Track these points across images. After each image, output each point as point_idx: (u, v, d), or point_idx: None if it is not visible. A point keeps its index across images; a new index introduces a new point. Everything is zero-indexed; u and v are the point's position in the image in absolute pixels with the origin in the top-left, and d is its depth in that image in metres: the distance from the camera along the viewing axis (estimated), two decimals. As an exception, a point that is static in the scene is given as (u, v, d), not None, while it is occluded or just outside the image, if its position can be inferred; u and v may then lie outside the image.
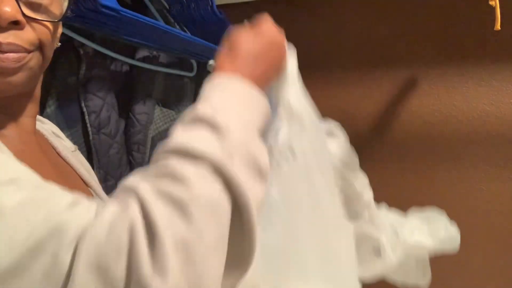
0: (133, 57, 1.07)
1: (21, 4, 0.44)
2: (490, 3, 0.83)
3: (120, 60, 1.03)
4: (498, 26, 0.83)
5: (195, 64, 1.22)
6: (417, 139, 1.16)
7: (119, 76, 1.06)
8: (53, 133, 0.62)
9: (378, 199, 1.24)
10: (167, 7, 1.15)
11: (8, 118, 0.49)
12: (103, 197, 0.60)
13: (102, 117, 0.97)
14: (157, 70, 1.11)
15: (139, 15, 0.83)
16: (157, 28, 0.89)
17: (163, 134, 1.14)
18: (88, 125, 0.95)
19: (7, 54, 0.44)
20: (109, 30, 0.90)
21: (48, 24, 0.48)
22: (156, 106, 1.12)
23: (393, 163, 1.20)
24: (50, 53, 0.50)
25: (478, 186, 1.10)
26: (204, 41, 1.02)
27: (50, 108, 0.89)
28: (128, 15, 0.80)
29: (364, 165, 1.26)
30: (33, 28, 0.46)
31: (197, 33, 1.17)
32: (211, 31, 1.16)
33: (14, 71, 0.45)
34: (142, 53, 1.08)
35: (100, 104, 0.97)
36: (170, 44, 1.04)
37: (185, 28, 1.18)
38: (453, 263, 1.12)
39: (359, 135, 1.24)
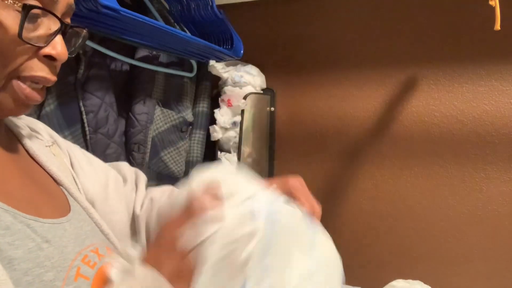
0: (133, 57, 1.07)
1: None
2: (490, 3, 0.83)
3: (120, 60, 1.03)
4: (498, 26, 0.83)
5: (195, 64, 1.22)
6: (417, 139, 1.16)
7: (119, 76, 1.06)
8: (29, 127, 0.59)
9: (378, 198, 1.24)
10: (167, 7, 1.15)
11: None
12: (76, 195, 0.57)
13: (99, 116, 0.97)
14: (157, 70, 1.11)
15: (139, 15, 0.83)
16: (157, 28, 0.88)
17: (163, 134, 1.14)
18: (86, 124, 0.94)
19: (43, 89, 0.44)
20: (109, 30, 0.90)
21: None
22: (157, 106, 1.12)
23: (393, 162, 1.20)
24: None
25: (478, 186, 1.10)
26: (204, 41, 1.02)
27: (50, 107, 0.89)
28: (128, 15, 0.80)
29: (364, 165, 1.27)
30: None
31: (197, 33, 1.17)
32: (211, 31, 1.16)
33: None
34: (142, 53, 1.08)
35: (98, 104, 0.96)
36: (170, 44, 1.04)
37: (185, 28, 1.18)
38: (453, 263, 1.12)
39: (359, 135, 1.24)
